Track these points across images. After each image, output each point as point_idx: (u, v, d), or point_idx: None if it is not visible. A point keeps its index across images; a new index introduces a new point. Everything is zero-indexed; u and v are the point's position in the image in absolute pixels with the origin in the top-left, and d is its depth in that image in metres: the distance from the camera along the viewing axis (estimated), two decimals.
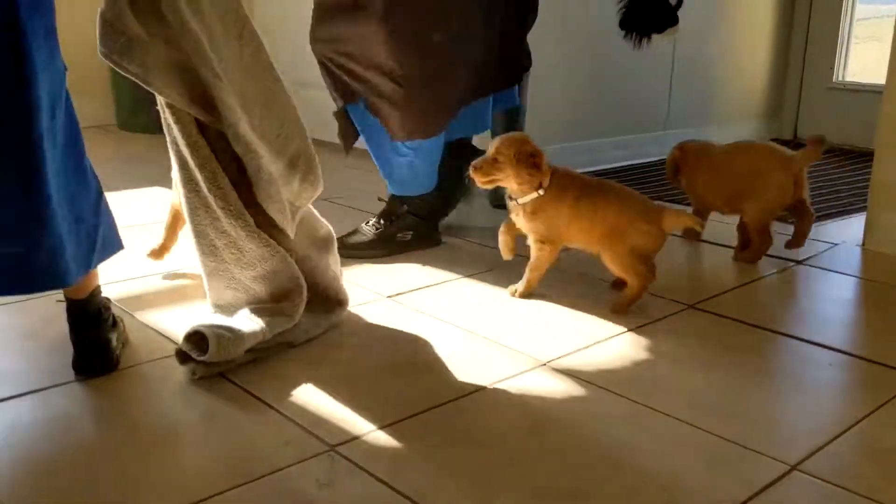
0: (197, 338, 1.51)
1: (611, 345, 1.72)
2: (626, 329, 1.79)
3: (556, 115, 3.45)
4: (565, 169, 1.95)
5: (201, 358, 1.49)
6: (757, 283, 2.15)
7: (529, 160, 1.85)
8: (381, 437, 1.33)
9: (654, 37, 2.73)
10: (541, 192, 1.89)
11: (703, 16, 4.02)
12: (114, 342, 1.55)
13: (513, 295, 1.98)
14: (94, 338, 1.51)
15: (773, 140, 2.33)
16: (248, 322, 1.57)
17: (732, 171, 2.29)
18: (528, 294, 1.98)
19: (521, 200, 1.91)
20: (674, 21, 2.76)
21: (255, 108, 1.65)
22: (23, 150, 1.30)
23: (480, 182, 1.89)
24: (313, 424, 1.36)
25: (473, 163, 1.88)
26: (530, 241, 1.96)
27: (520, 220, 1.94)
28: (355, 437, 1.32)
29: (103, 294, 1.58)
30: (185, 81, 1.52)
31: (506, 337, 1.74)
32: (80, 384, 1.49)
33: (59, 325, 1.59)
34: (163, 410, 1.43)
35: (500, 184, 1.91)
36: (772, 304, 2.03)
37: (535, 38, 2.88)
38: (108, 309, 1.57)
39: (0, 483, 1.19)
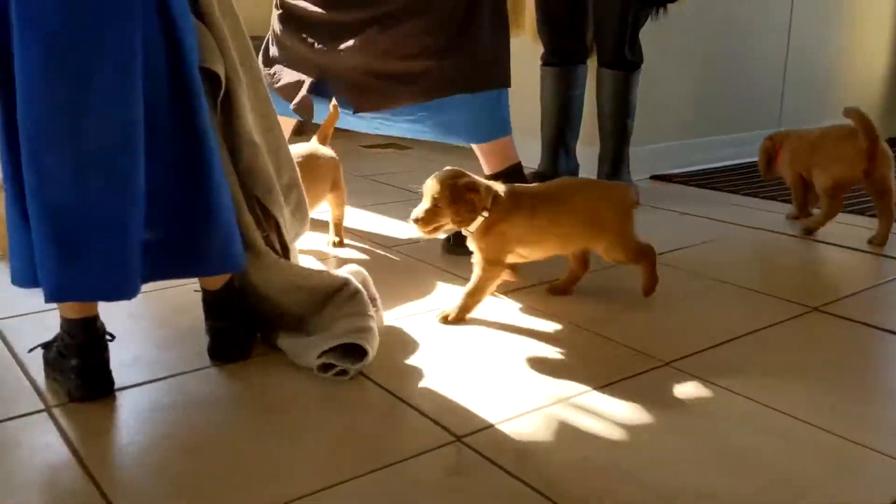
0: (339, 349, 1.53)
1: (733, 347, 1.69)
2: (748, 331, 1.76)
3: (669, 112, 3.40)
4: (509, 186, 1.86)
5: (358, 364, 1.52)
6: (884, 285, 2.08)
7: (467, 194, 1.76)
8: (507, 430, 1.34)
9: (670, 6, 2.89)
10: (484, 213, 1.80)
11: (819, 10, 3.90)
12: (247, 331, 1.61)
13: (443, 321, 1.82)
14: (230, 327, 1.58)
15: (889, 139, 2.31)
16: (357, 318, 1.61)
17: (813, 144, 2.52)
18: (461, 320, 1.82)
19: (471, 229, 1.82)
20: None
21: (256, 132, 1.64)
22: (195, 143, 1.39)
23: (425, 233, 1.79)
24: (439, 415, 1.39)
25: (414, 215, 1.77)
26: (475, 262, 1.85)
27: (473, 245, 1.86)
28: (482, 429, 1.34)
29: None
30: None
31: (625, 336, 1.73)
32: (215, 370, 1.56)
33: (190, 313, 1.68)
34: (294, 397, 1.47)
35: (447, 228, 1.81)
36: None
37: (648, 36, 2.85)
38: (241, 299, 1.63)
39: (142, 460, 1.26)
